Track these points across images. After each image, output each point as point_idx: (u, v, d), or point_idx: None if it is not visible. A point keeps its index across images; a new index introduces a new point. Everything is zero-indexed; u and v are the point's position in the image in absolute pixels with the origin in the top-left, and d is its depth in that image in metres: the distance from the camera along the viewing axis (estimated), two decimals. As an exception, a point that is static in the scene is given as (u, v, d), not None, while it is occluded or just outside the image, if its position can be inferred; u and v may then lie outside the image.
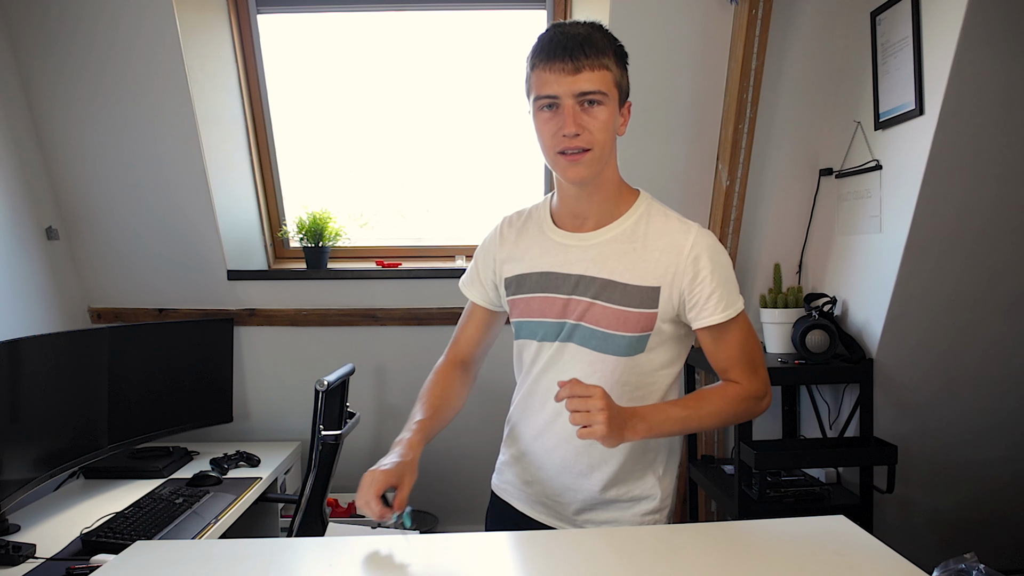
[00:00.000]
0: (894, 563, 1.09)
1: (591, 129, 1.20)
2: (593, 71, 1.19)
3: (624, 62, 1.25)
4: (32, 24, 2.28)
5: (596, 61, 1.19)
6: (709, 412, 1.26)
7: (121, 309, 2.67)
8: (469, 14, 2.72)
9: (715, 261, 1.24)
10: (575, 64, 1.18)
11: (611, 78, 1.21)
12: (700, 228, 1.28)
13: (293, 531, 1.99)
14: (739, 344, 1.29)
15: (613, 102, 1.22)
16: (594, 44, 1.19)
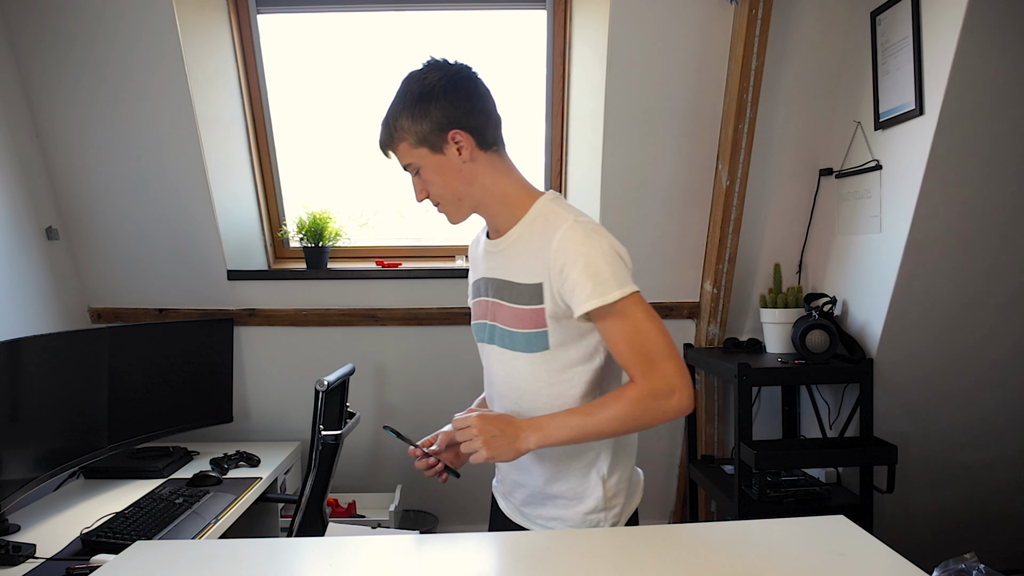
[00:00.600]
0: (894, 563, 1.09)
1: (428, 188, 1.33)
2: (395, 152, 1.33)
3: (417, 112, 1.28)
4: (32, 24, 2.28)
5: (392, 144, 1.32)
6: (606, 418, 1.22)
7: (121, 309, 2.67)
8: (469, 14, 2.72)
9: (579, 252, 1.23)
10: (385, 152, 1.35)
11: (408, 147, 1.30)
12: (575, 221, 1.26)
13: (293, 531, 1.99)
14: (626, 337, 1.24)
15: (429, 157, 1.30)
16: (390, 127, 1.31)
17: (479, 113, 1.31)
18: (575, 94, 2.63)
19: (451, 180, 1.31)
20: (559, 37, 2.62)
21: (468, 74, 1.31)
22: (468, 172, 1.31)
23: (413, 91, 1.29)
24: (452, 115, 1.28)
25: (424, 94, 1.28)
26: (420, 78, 1.30)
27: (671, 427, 2.82)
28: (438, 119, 1.28)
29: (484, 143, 1.31)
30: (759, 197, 2.60)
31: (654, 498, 2.91)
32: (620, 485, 1.35)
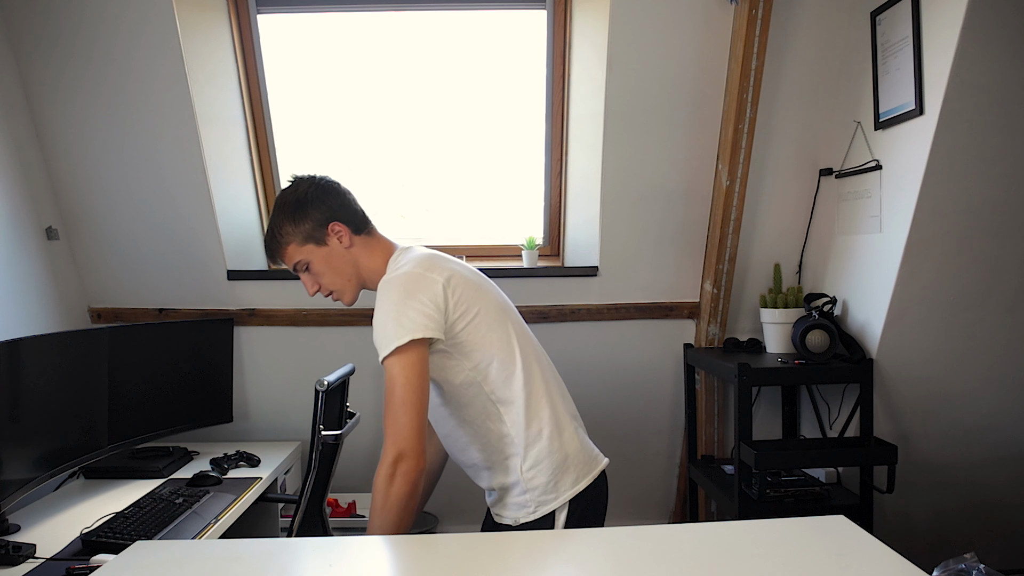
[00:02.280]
0: (894, 563, 1.09)
1: (320, 281, 1.59)
2: (283, 256, 1.58)
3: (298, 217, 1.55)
4: (32, 24, 2.28)
5: (277, 250, 1.58)
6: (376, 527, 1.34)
7: (121, 309, 2.67)
8: (469, 14, 2.72)
9: (376, 307, 1.45)
10: (270, 259, 1.63)
11: (295, 248, 1.56)
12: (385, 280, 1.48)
13: (293, 531, 1.99)
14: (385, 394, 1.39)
15: (316, 251, 1.55)
16: (269, 236, 1.58)
17: (347, 207, 1.59)
18: (575, 94, 2.63)
19: (338, 266, 1.56)
20: (559, 37, 2.62)
21: (330, 180, 1.62)
22: (351, 257, 1.57)
23: (289, 201, 1.56)
24: (328, 211, 1.56)
25: (300, 201, 1.56)
26: (292, 191, 1.58)
27: (671, 427, 2.82)
28: (317, 217, 1.55)
29: (357, 230, 1.58)
30: (759, 197, 2.60)
31: (654, 498, 2.91)
32: (545, 478, 1.48)
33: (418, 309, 1.39)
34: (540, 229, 2.84)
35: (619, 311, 2.69)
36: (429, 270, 1.45)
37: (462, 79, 2.80)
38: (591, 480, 1.52)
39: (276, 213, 1.57)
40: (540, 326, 2.69)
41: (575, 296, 2.70)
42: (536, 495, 1.47)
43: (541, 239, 2.83)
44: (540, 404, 1.50)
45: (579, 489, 1.49)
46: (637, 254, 2.65)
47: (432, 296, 1.41)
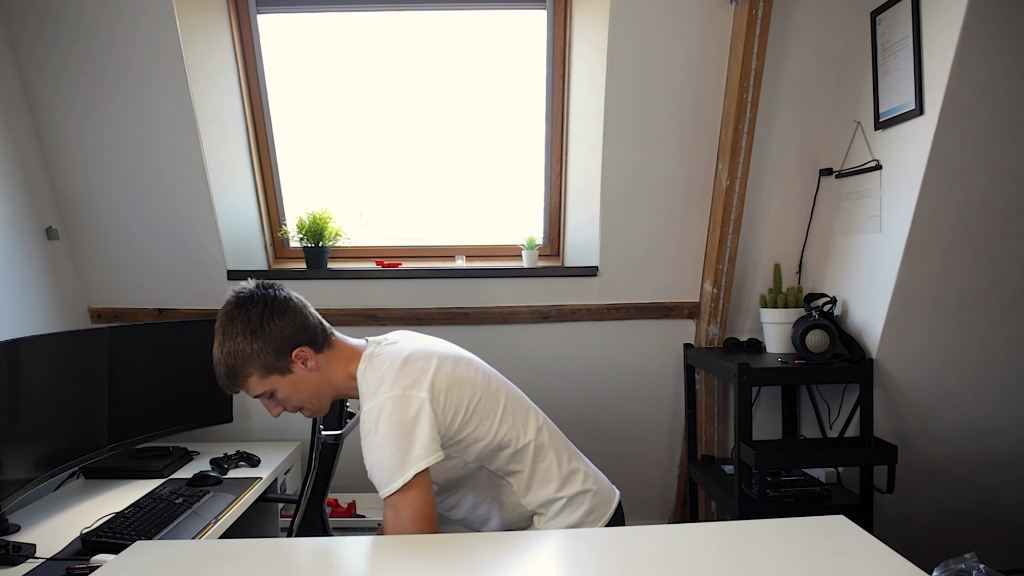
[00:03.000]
0: (894, 563, 1.09)
1: (285, 404, 1.42)
2: (241, 388, 1.40)
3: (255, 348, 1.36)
4: (32, 24, 2.28)
5: (235, 381, 1.39)
6: None
7: (121, 309, 2.67)
8: (469, 14, 2.72)
9: (366, 446, 1.32)
10: (226, 390, 1.42)
11: (256, 378, 1.38)
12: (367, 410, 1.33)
13: (293, 531, 1.99)
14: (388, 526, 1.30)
15: (277, 381, 1.39)
16: (223, 368, 1.37)
17: (306, 326, 1.40)
18: (575, 94, 2.63)
19: (306, 389, 1.41)
20: (559, 37, 2.62)
21: (282, 295, 1.41)
22: (317, 377, 1.41)
23: (241, 331, 1.36)
24: (288, 337, 1.37)
25: (255, 331, 1.36)
26: (243, 316, 1.37)
27: (671, 427, 2.82)
28: (276, 346, 1.36)
29: (319, 347, 1.41)
30: (759, 197, 2.60)
31: (654, 498, 2.91)
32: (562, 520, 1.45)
33: (417, 434, 1.29)
34: (540, 229, 2.84)
35: (619, 311, 2.69)
36: (409, 388, 1.33)
37: (462, 79, 2.80)
38: (609, 517, 1.50)
39: (226, 343, 1.37)
40: (540, 326, 2.69)
41: (575, 296, 2.70)
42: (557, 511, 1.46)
43: (541, 239, 2.83)
44: (547, 463, 1.46)
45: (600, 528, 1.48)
46: (637, 254, 2.65)
47: (425, 416, 1.31)
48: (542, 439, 1.48)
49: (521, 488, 1.45)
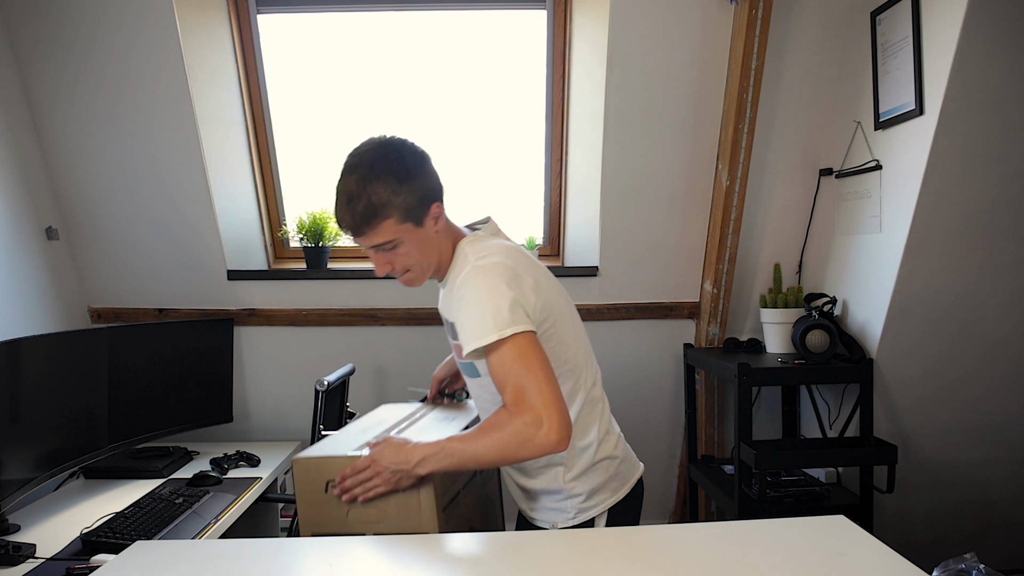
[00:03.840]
0: (894, 563, 1.09)
1: (398, 262, 1.37)
2: (373, 230, 1.32)
3: (404, 189, 1.31)
4: (32, 24, 2.29)
5: (370, 220, 1.31)
6: (482, 447, 1.25)
7: (121, 309, 2.67)
8: (469, 14, 2.72)
9: (465, 297, 1.30)
10: (353, 229, 1.33)
11: (393, 223, 1.32)
12: (473, 266, 1.32)
13: (293, 531, 1.99)
14: (500, 373, 1.26)
15: (408, 233, 1.33)
16: (361, 204, 1.30)
17: (440, 185, 1.38)
18: (575, 94, 2.63)
19: (427, 251, 1.37)
20: (559, 37, 2.62)
21: (421, 148, 1.38)
22: (436, 240, 1.38)
23: (395, 169, 1.31)
24: (431, 188, 1.35)
25: (408, 171, 1.32)
26: (396, 155, 1.33)
27: (671, 427, 2.82)
28: (420, 195, 1.33)
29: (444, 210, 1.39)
30: (759, 197, 2.60)
31: (654, 498, 2.91)
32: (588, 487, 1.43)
33: (519, 301, 1.27)
34: (540, 229, 2.84)
35: (619, 311, 2.69)
36: (520, 268, 1.32)
37: (462, 79, 2.80)
38: (630, 488, 1.49)
39: (373, 182, 1.30)
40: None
41: (575, 296, 2.66)
42: (578, 502, 1.43)
43: (541, 239, 2.83)
44: (593, 417, 1.44)
45: (619, 497, 1.46)
46: (637, 254, 2.65)
47: (527, 293, 1.30)
48: (596, 393, 1.46)
49: None
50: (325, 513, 1.32)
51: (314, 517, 1.32)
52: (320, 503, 1.32)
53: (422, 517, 1.30)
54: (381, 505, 1.30)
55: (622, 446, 1.51)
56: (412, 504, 1.30)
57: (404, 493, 1.29)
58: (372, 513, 1.31)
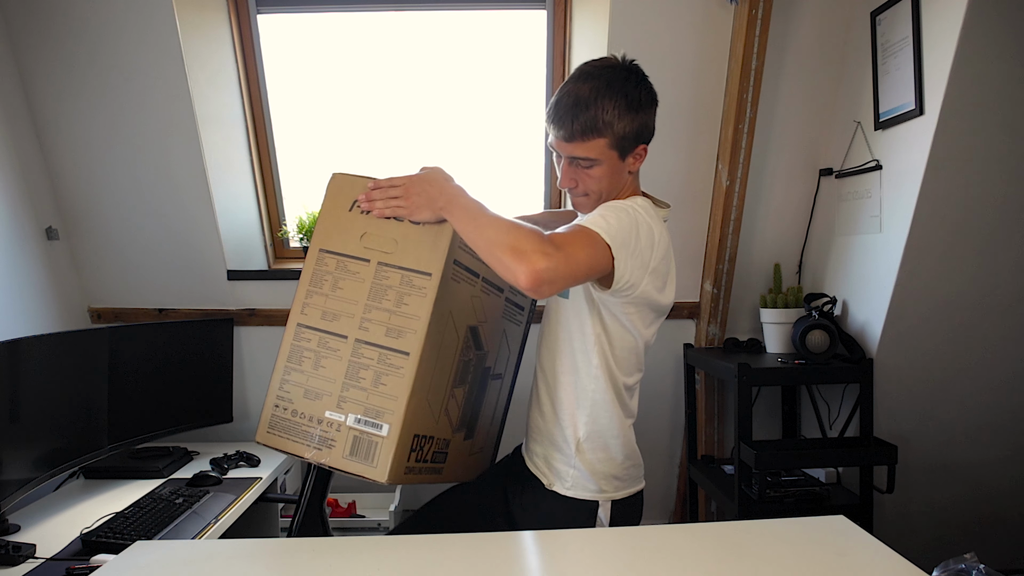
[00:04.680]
0: (894, 563, 1.09)
1: (584, 183, 1.36)
2: (584, 141, 1.30)
3: (630, 118, 1.31)
4: (32, 24, 2.29)
5: (588, 131, 1.29)
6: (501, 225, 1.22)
7: (121, 309, 2.67)
8: (469, 14, 2.72)
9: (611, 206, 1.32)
10: (566, 133, 1.31)
11: (604, 144, 1.31)
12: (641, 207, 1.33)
13: (293, 531, 1.99)
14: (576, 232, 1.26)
15: (610, 159, 1.33)
16: (590, 114, 1.29)
17: (654, 128, 1.40)
18: (575, 94, 2.63)
19: (615, 184, 1.37)
20: (559, 37, 2.63)
21: (655, 92, 1.40)
22: (625, 180, 1.39)
23: (631, 96, 1.31)
24: (649, 128, 1.37)
25: (639, 102, 1.32)
26: (634, 85, 1.32)
27: (671, 427, 2.82)
28: (638, 130, 1.34)
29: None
30: (759, 197, 2.60)
31: (654, 498, 2.91)
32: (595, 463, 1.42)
33: (635, 250, 1.26)
34: (540, 229, 2.84)
35: (619, 311, 2.69)
36: (660, 246, 1.32)
37: (462, 79, 2.80)
38: (633, 492, 1.48)
39: (603, 95, 1.30)
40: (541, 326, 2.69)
41: (575, 296, 2.70)
42: (578, 474, 1.42)
43: (541, 239, 2.83)
44: (628, 402, 1.45)
45: (620, 496, 1.45)
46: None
47: (644, 257, 1.28)
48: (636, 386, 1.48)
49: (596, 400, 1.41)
50: (342, 228, 1.31)
51: (330, 229, 1.31)
52: (341, 218, 1.31)
53: (433, 255, 1.26)
54: (397, 235, 1.28)
55: (638, 454, 1.51)
56: (427, 241, 1.27)
57: (422, 227, 1.27)
58: (386, 242, 1.28)
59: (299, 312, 1.29)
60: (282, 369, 1.30)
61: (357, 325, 1.26)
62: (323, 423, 1.26)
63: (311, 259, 1.31)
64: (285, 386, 1.29)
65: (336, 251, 1.30)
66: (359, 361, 1.25)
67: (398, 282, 1.26)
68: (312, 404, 1.27)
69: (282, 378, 1.29)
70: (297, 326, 1.29)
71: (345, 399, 1.25)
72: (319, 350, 1.27)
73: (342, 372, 1.25)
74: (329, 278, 1.29)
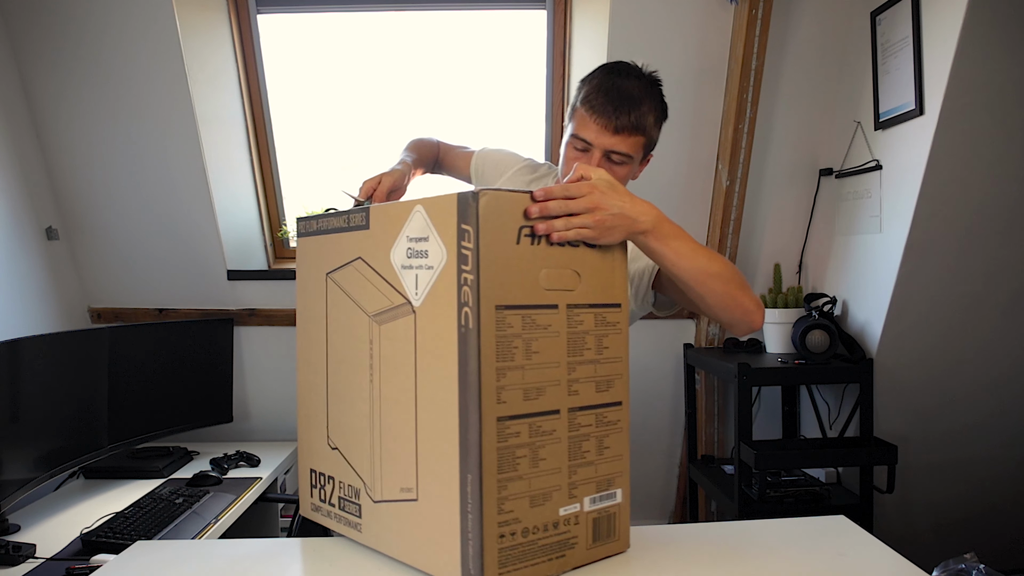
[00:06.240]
0: (894, 563, 1.09)
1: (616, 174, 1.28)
2: (630, 136, 1.27)
3: (663, 122, 1.33)
4: (32, 24, 2.29)
5: (637, 127, 1.27)
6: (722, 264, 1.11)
7: (121, 309, 2.67)
8: (469, 14, 2.72)
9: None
10: (617, 124, 1.26)
11: (641, 143, 1.29)
12: None
13: (293, 531, 1.99)
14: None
15: (636, 161, 1.32)
16: (641, 111, 1.27)
17: None
18: (575, 94, 2.63)
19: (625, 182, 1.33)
20: (559, 37, 2.62)
21: None
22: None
23: (663, 104, 1.33)
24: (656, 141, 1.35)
25: (666, 113, 1.34)
26: (663, 95, 1.34)
27: (671, 427, 2.82)
28: (656, 139, 1.34)
29: None
30: (759, 197, 2.60)
31: (654, 498, 2.91)
32: None
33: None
34: (540, 229, 2.84)
35: (619, 311, 2.69)
36: None
37: (462, 79, 2.80)
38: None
39: (650, 98, 1.31)
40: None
41: (575, 296, 2.69)
42: None
43: (541, 239, 2.83)
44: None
45: None
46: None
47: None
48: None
49: None
50: (515, 270, 0.92)
51: (501, 275, 0.90)
52: (511, 257, 0.91)
53: (614, 279, 1.02)
54: (574, 263, 0.98)
55: None
56: (605, 265, 1.01)
57: (596, 250, 1.00)
58: (565, 276, 0.97)
59: (494, 401, 0.90)
60: (494, 487, 0.92)
61: (566, 392, 0.97)
62: (559, 525, 0.98)
63: (488, 322, 0.89)
64: (505, 504, 0.92)
65: (518, 304, 0.94)
66: (578, 434, 0.99)
67: (593, 324, 1.00)
68: (543, 511, 0.96)
69: (498, 497, 0.92)
70: (498, 421, 0.91)
71: (575, 484, 0.99)
72: (533, 441, 0.95)
73: (565, 455, 0.98)
74: (519, 343, 0.93)
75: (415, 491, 0.98)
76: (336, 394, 1.11)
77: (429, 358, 0.94)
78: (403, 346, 0.97)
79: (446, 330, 0.90)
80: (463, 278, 0.89)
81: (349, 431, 1.09)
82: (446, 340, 0.91)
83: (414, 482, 0.98)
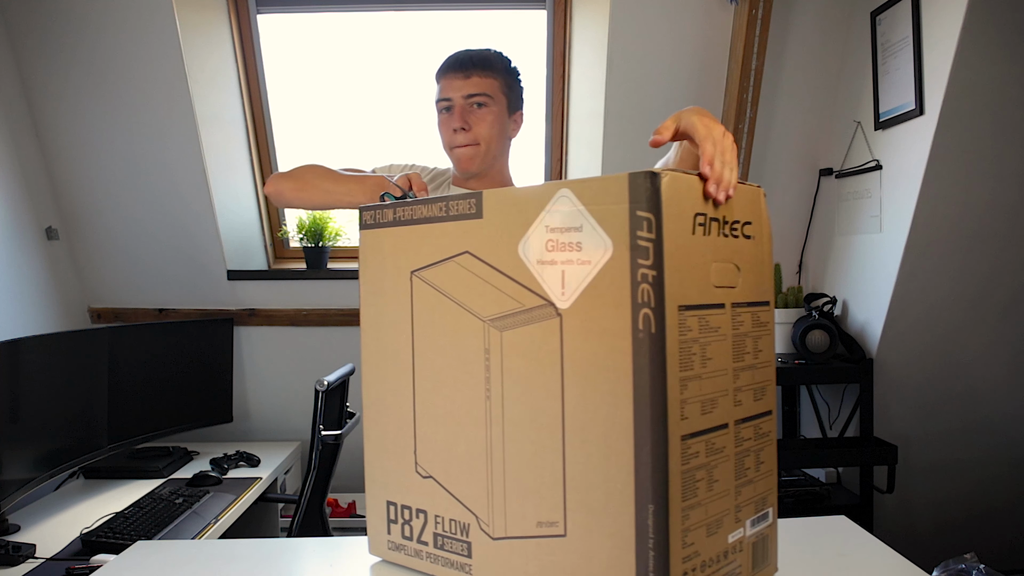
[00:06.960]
0: (894, 563, 1.09)
1: (476, 124, 1.46)
2: (481, 78, 1.45)
3: (515, 80, 1.51)
4: (32, 24, 2.28)
5: (484, 71, 1.45)
6: None
7: (121, 309, 2.67)
8: (469, 14, 2.72)
9: None
10: (465, 73, 1.45)
11: (497, 86, 1.46)
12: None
13: (293, 531, 1.99)
14: None
15: (500, 105, 1.47)
16: (484, 59, 1.46)
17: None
18: (575, 94, 2.63)
19: (500, 137, 1.50)
20: (559, 37, 2.62)
21: None
22: (507, 142, 1.56)
23: (517, 70, 1.52)
24: (522, 102, 1.55)
25: (520, 79, 1.53)
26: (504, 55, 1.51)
27: (671, 427, 2.82)
28: (519, 97, 1.53)
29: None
30: (759, 197, 2.60)
31: (654, 498, 2.91)
32: None
33: None
34: (540, 229, 2.84)
35: (619, 311, 2.69)
36: None
37: (462, 79, 2.80)
38: None
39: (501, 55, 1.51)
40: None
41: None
42: None
43: (541, 239, 2.82)
44: None
45: None
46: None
47: None
48: None
49: None
50: (692, 264, 0.77)
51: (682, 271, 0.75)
52: (690, 249, 0.77)
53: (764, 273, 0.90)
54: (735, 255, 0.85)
55: None
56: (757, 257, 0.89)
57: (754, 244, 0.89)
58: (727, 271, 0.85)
59: (678, 418, 0.76)
60: (679, 517, 0.77)
61: (732, 403, 0.84)
62: (728, 554, 0.85)
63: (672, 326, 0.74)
64: (688, 536, 0.78)
65: (696, 304, 0.80)
66: (742, 449, 0.86)
67: (750, 325, 0.88)
68: (716, 540, 0.83)
69: (682, 528, 0.77)
70: (682, 441, 0.76)
71: (740, 507, 0.87)
72: (708, 461, 0.81)
73: (732, 475, 0.85)
74: (696, 348, 0.79)
75: (561, 525, 0.82)
76: (429, 415, 0.94)
77: (585, 369, 0.77)
78: (540, 356, 0.80)
79: (614, 336, 0.75)
80: (640, 274, 0.73)
81: (452, 458, 0.91)
82: (614, 348, 0.75)
83: (560, 515, 0.81)
